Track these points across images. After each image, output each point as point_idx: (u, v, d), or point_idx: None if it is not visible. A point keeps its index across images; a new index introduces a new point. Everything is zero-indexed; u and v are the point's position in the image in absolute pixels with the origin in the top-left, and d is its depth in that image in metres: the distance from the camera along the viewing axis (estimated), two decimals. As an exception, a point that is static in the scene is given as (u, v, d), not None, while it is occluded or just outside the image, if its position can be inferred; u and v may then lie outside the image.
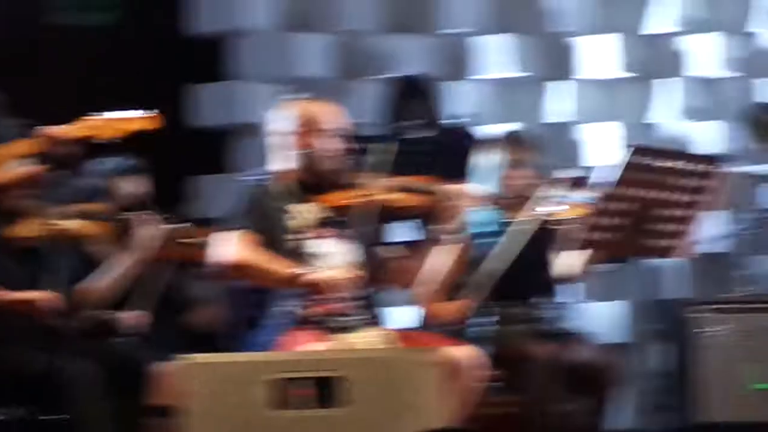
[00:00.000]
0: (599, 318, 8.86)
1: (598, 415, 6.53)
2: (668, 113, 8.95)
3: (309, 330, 5.92)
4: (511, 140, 6.94)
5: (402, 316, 7.28)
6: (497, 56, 8.98)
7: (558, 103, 9.04)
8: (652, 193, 6.29)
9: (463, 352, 5.87)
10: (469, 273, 6.54)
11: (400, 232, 6.82)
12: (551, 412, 6.46)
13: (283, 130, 6.12)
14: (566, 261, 6.78)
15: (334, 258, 5.94)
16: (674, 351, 8.06)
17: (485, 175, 6.80)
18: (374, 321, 6.17)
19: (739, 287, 8.51)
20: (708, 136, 8.84)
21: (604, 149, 8.81)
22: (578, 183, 6.70)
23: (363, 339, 6.05)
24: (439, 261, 6.35)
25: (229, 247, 5.93)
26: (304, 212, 6.03)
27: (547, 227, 6.61)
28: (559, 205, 6.60)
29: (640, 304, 8.25)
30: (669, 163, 6.31)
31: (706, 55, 9.06)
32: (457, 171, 6.84)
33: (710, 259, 8.85)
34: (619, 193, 6.29)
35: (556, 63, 9.00)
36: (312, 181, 6.04)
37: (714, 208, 6.99)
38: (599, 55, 8.96)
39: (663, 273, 8.77)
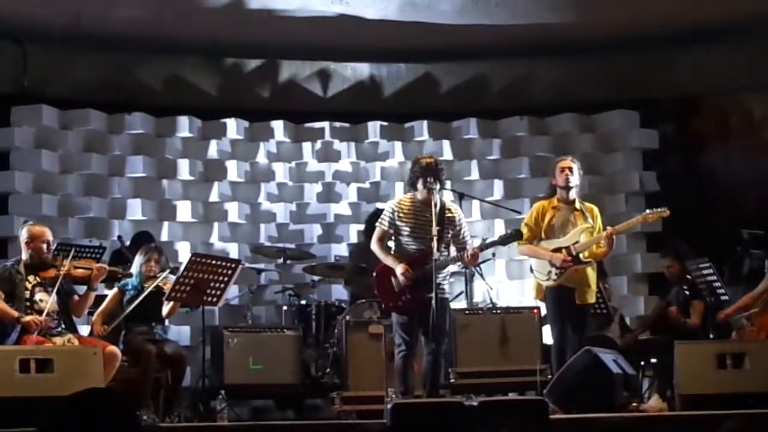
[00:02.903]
0: (179, 333, 10.80)
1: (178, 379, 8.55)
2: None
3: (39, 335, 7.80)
4: (149, 249, 8.95)
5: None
6: None
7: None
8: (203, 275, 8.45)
9: (112, 348, 7.87)
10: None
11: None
12: (152, 377, 8.31)
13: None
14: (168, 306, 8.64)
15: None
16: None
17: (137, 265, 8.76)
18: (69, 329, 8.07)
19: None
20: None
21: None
22: (173, 270, 8.79)
23: (62, 340, 7.94)
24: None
25: None
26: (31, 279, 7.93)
27: (160, 290, 8.61)
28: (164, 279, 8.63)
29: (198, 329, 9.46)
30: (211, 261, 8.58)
31: None
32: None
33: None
34: (185, 275, 8.47)
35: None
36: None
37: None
38: None
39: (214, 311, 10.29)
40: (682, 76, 11.81)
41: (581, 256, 8.44)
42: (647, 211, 8.72)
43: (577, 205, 8.61)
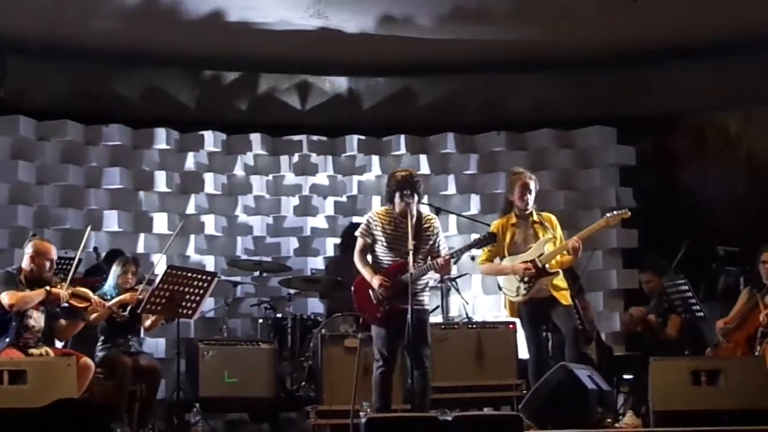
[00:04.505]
0: (155, 345, 10.75)
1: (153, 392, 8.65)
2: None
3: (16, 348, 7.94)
4: (125, 260, 9.01)
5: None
6: None
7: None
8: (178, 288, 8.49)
9: (85, 359, 7.88)
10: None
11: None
12: (128, 389, 8.40)
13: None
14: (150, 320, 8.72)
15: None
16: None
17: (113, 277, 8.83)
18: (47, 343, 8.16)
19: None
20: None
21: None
22: (149, 282, 8.72)
23: (41, 352, 8.02)
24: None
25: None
26: None
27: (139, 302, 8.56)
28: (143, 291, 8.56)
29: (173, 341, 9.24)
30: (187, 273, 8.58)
31: None
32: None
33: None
34: (160, 287, 8.52)
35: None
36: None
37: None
38: None
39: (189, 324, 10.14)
40: (660, 93, 11.89)
41: (547, 267, 8.40)
42: (608, 214, 8.65)
43: (535, 216, 8.58)
